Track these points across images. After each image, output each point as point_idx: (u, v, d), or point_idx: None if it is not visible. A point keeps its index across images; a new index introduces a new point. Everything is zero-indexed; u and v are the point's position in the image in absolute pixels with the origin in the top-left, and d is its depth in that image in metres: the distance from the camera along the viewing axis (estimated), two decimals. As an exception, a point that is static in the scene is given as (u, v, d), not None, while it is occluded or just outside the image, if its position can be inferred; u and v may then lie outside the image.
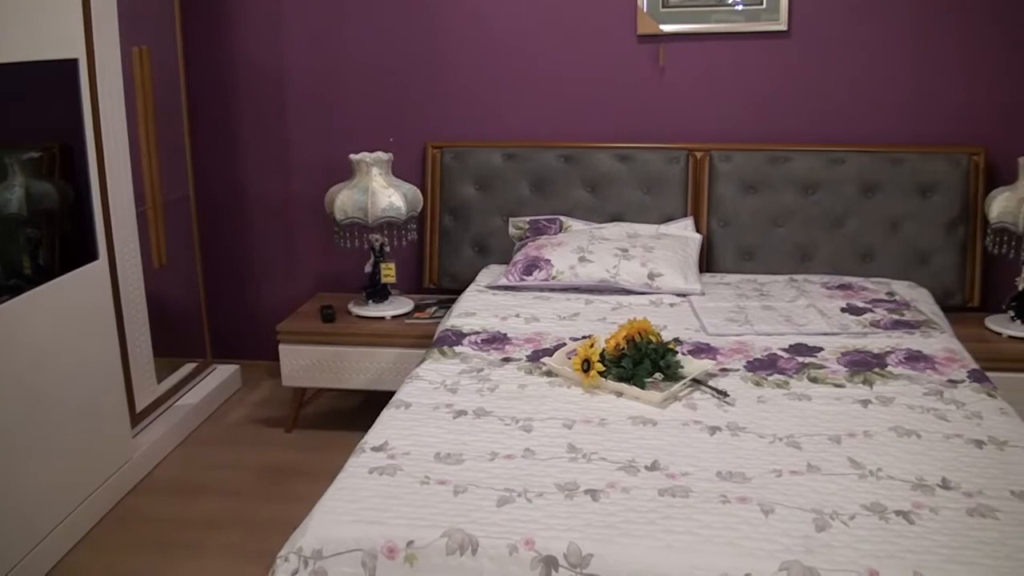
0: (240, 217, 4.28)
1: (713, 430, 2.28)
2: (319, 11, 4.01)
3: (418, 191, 3.76)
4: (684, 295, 3.38)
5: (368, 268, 3.76)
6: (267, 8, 4.04)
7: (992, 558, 1.74)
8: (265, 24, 4.05)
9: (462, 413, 2.39)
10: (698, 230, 3.77)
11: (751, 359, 2.77)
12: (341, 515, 1.91)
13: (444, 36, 3.97)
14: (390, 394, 2.59)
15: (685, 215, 3.83)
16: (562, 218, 3.80)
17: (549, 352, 2.79)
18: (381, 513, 1.91)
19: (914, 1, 3.71)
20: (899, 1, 3.72)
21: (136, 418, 3.49)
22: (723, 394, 2.47)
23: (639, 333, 2.62)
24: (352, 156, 3.68)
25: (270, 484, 3.38)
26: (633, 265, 3.43)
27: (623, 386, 2.49)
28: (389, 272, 3.74)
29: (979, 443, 2.21)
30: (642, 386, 2.49)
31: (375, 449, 2.19)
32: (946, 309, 3.47)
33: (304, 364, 3.72)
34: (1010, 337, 3.45)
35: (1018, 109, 3.74)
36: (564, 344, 2.84)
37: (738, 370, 2.68)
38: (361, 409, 3.90)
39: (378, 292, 3.79)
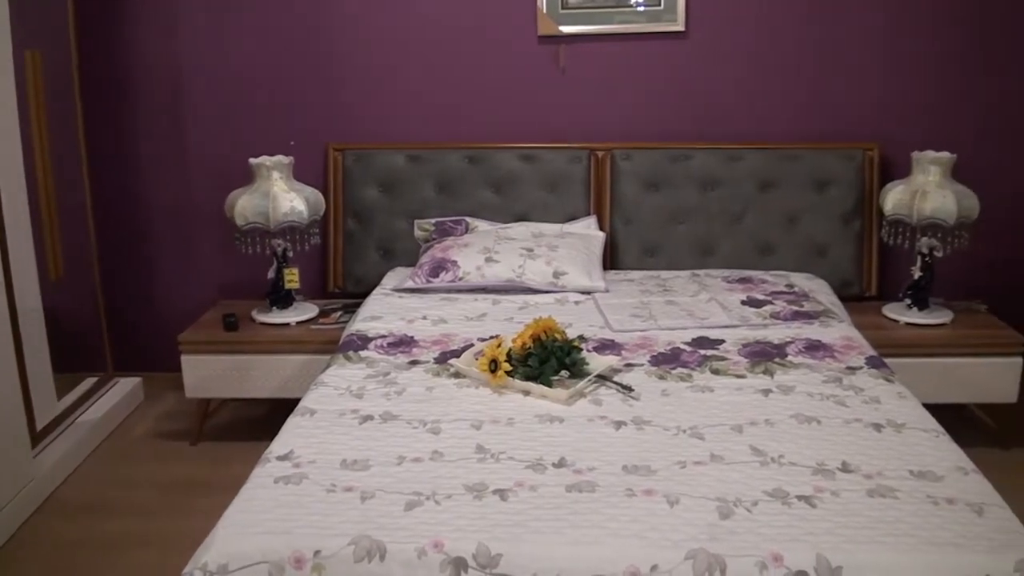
0: (139, 225, 4.17)
1: (619, 425, 2.30)
2: (216, 14, 3.93)
3: (320, 194, 3.72)
4: (589, 293, 3.41)
5: (271, 274, 3.70)
6: (163, 11, 3.93)
7: (892, 536, 1.80)
8: (162, 27, 3.95)
9: (368, 418, 2.36)
10: (601, 228, 3.81)
11: (655, 353, 2.80)
12: (246, 528, 1.87)
13: (344, 37, 3.93)
14: (297, 402, 2.54)
15: (588, 214, 3.86)
16: (467, 219, 3.80)
17: (456, 353, 2.78)
18: (287, 524, 1.87)
19: (807, 4, 3.81)
20: (793, 4, 3.81)
21: (36, 437, 3.36)
22: (628, 389, 2.49)
23: (545, 332, 2.63)
24: (252, 160, 3.61)
25: (177, 499, 3.29)
26: (538, 264, 3.45)
27: (530, 385, 2.50)
28: (292, 277, 3.69)
29: (878, 426, 2.28)
30: (549, 384, 2.50)
31: (280, 458, 2.15)
32: (844, 299, 3.57)
33: (208, 374, 3.63)
34: (907, 324, 3.56)
35: (910, 105, 3.87)
36: (471, 345, 2.83)
37: (642, 365, 2.71)
38: (268, 418, 3.81)
39: (282, 298, 3.73)
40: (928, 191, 3.43)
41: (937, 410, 2.55)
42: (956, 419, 3.37)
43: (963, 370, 3.46)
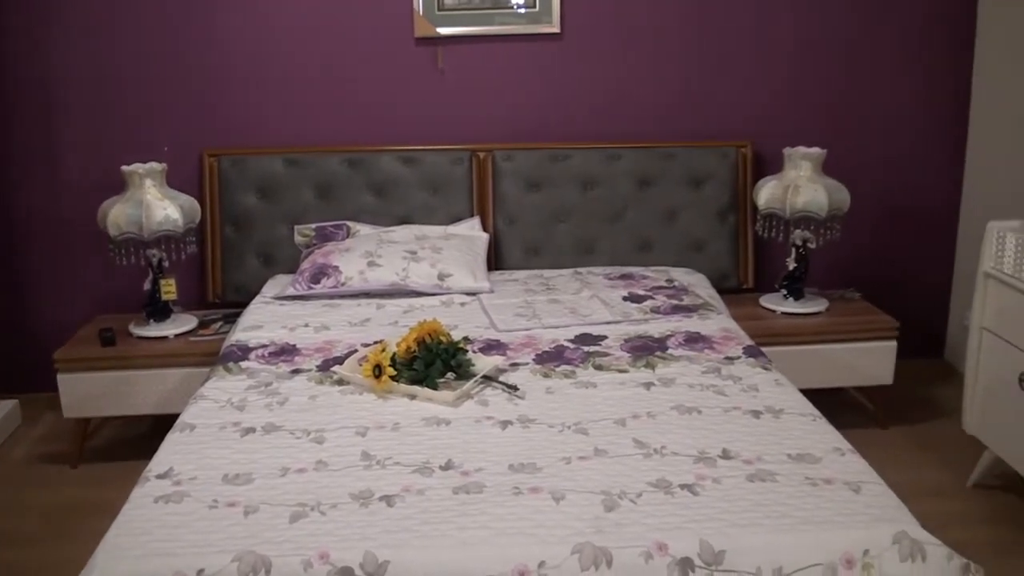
0: (8, 239, 3.98)
1: (505, 424, 2.31)
2: (83, 19, 3.78)
3: (195, 202, 3.62)
4: (474, 294, 3.41)
5: (147, 285, 3.59)
6: (28, 13, 3.76)
7: (771, 518, 1.85)
8: (28, 31, 3.77)
9: (250, 430, 2.31)
10: (485, 229, 3.82)
11: (539, 352, 2.82)
12: (127, 550, 1.81)
13: (218, 40, 3.84)
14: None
15: (472, 215, 3.86)
16: (349, 223, 3.75)
17: (340, 360, 2.75)
18: (169, 544, 1.82)
19: (679, 5, 3.89)
20: (665, 5, 3.89)
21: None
22: (513, 388, 2.50)
23: (429, 334, 2.62)
24: (124, 168, 3.50)
25: (60, 525, 3.16)
26: (423, 267, 3.43)
27: (416, 388, 2.49)
28: (169, 288, 3.58)
29: (756, 413, 2.34)
30: (435, 387, 2.49)
31: (160, 477, 2.09)
32: (723, 292, 3.66)
33: (86, 393, 3.49)
34: (783, 313, 3.67)
35: (780, 105, 4.00)
36: (355, 351, 2.80)
37: (527, 364, 2.72)
38: (150, 435, 3.70)
39: (159, 310, 3.62)
40: (800, 185, 3.54)
41: (817, 395, 2.64)
42: (836, 403, 3.50)
43: (840, 355, 3.59)
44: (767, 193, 3.64)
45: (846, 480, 1.99)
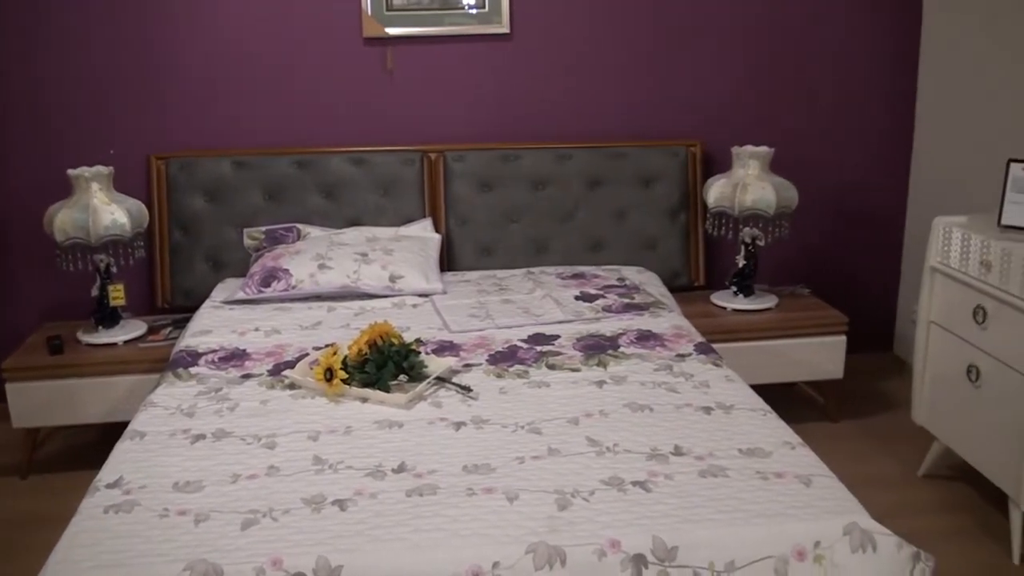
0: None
1: (458, 425, 2.31)
2: (28, 19, 3.71)
3: (143, 206, 3.56)
4: (426, 295, 3.40)
5: (95, 291, 3.53)
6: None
7: (723, 512, 1.88)
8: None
9: (200, 437, 2.29)
10: (437, 230, 3.81)
11: (492, 352, 2.82)
12: (77, 562, 1.79)
13: (165, 42, 3.78)
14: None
15: (423, 216, 3.85)
16: (299, 226, 3.73)
17: (291, 364, 2.73)
18: (119, 555, 1.80)
19: (629, 6, 3.91)
20: (614, 6, 3.90)
21: None
22: (467, 389, 2.50)
23: (381, 336, 2.61)
24: (70, 171, 3.44)
25: (9, 537, 3.09)
26: (374, 269, 3.42)
27: (367, 391, 2.48)
28: (118, 294, 3.53)
29: (708, 409, 2.37)
30: (387, 389, 2.48)
31: (109, 486, 2.06)
32: (674, 290, 3.69)
33: (34, 402, 3.42)
34: (734, 310, 3.70)
35: (729, 105, 4.04)
36: (306, 355, 2.78)
37: (480, 364, 2.73)
38: (101, 444, 3.63)
39: (108, 317, 3.56)
40: (748, 184, 3.58)
41: (768, 390, 2.66)
42: (787, 398, 3.54)
43: (791, 351, 3.63)
44: (716, 191, 3.67)
45: (797, 473, 2.02)
